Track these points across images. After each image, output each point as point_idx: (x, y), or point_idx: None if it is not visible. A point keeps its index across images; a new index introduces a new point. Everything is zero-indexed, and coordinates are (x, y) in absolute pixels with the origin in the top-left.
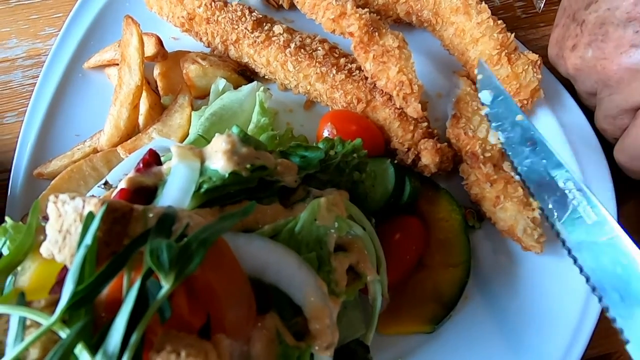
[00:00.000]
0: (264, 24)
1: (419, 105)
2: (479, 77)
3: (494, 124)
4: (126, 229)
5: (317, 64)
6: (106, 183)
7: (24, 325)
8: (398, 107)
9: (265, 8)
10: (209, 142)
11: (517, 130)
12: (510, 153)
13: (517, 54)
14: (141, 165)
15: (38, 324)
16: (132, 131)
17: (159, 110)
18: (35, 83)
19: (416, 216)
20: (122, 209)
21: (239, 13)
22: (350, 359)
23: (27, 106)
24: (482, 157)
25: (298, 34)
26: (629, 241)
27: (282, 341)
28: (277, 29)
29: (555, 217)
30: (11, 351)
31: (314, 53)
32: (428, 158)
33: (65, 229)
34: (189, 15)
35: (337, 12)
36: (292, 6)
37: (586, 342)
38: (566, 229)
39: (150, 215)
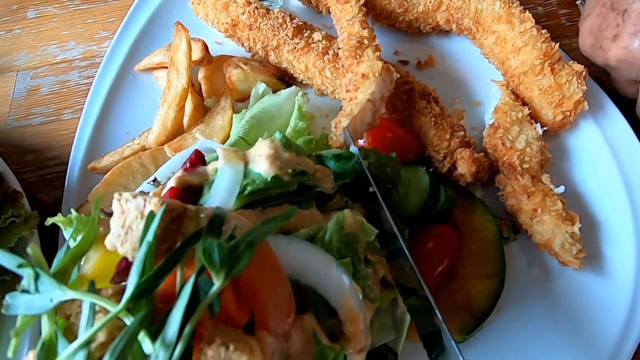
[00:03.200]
0: (304, 30)
1: (339, 138)
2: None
3: None
4: (180, 227)
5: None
6: (155, 180)
7: (94, 311)
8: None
9: (305, 13)
10: (249, 143)
11: None
12: None
13: (561, 64)
14: (188, 164)
15: (105, 311)
16: (177, 131)
17: (202, 112)
18: (90, 83)
19: (450, 225)
20: (177, 209)
21: (280, 20)
22: None
23: (82, 104)
24: (519, 168)
25: (336, 41)
26: None
27: (319, 342)
28: (317, 36)
29: None
30: (83, 334)
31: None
32: (464, 167)
33: (128, 224)
34: (233, 21)
35: (341, 33)
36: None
37: None
38: None
39: (202, 215)
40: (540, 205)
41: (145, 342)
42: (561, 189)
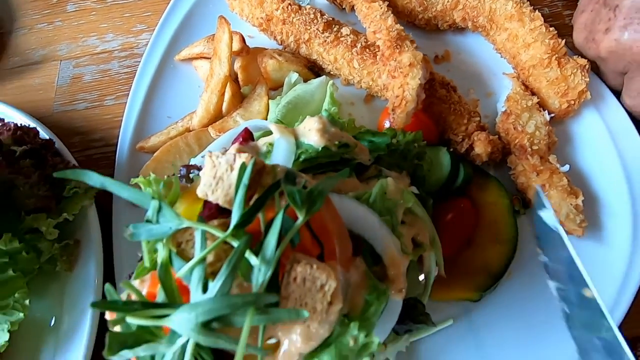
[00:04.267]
0: (333, 25)
1: (403, 118)
2: (537, 212)
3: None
4: (260, 179)
5: (380, 62)
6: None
7: (204, 237)
8: (454, 102)
9: (329, 9)
10: (286, 126)
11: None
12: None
13: (567, 58)
14: (241, 139)
15: (213, 238)
16: (218, 115)
17: (239, 99)
18: (130, 72)
19: (468, 199)
20: (259, 163)
21: (312, 15)
22: (412, 311)
23: (124, 91)
24: (529, 149)
25: (363, 35)
26: None
27: (371, 277)
28: (345, 30)
29: None
30: (199, 253)
31: (377, 53)
32: (481, 148)
33: (219, 176)
34: (267, 16)
35: (375, 27)
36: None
37: (620, 319)
38: None
39: (278, 169)
40: (548, 182)
41: (251, 257)
42: (566, 167)
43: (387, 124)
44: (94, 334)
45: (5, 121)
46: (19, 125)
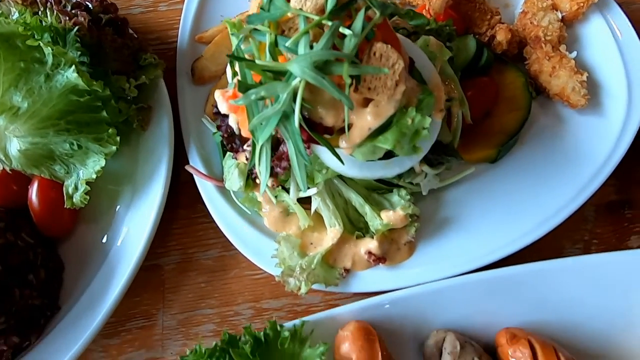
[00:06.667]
0: None
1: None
2: None
3: None
4: None
5: None
6: None
7: (306, 22)
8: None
9: None
10: None
11: None
12: None
13: None
14: None
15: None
16: None
17: None
18: None
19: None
20: None
21: None
22: (445, 147)
23: None
24: (543, 39)
25: None
26: None
27: (421, 85)
28: None
29: None
30: (302, 28)
31: None
32: (502, 35)
33: None
34: None
35: None
36: None
37: (607, 174)
38: None
39: None
40: (558, 64)
41: (344, 30)
42: (574, 54)
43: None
44: (168, 181)
45: None
46: None
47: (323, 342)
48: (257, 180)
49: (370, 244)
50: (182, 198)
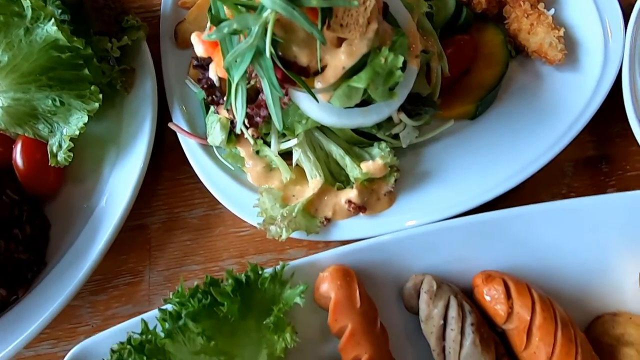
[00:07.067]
0: None
1: None
2: None
3: None
4: None
5: None
6: None
7: None
8: None
9: None
10: None
11: None
12: None
13: None
14: None
15: None
16: None
17: None
18: None
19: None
20: None
21: None
22: (423, 98)
23: None
24: None
25: None
26: None
27: (395, 29)
28: None
29: None
30: None
31: None
32: None
33: None
34: None
35: None
36: None
37: (583, 124)
38: None
39: None
40: (536, 20)
41: None
42: (552, 11)
43: None
44: (152, 141)
45: None
46: None
47: (303, 283)
48: (238, 131)
49: (351, 193)
50: (168, 161)
